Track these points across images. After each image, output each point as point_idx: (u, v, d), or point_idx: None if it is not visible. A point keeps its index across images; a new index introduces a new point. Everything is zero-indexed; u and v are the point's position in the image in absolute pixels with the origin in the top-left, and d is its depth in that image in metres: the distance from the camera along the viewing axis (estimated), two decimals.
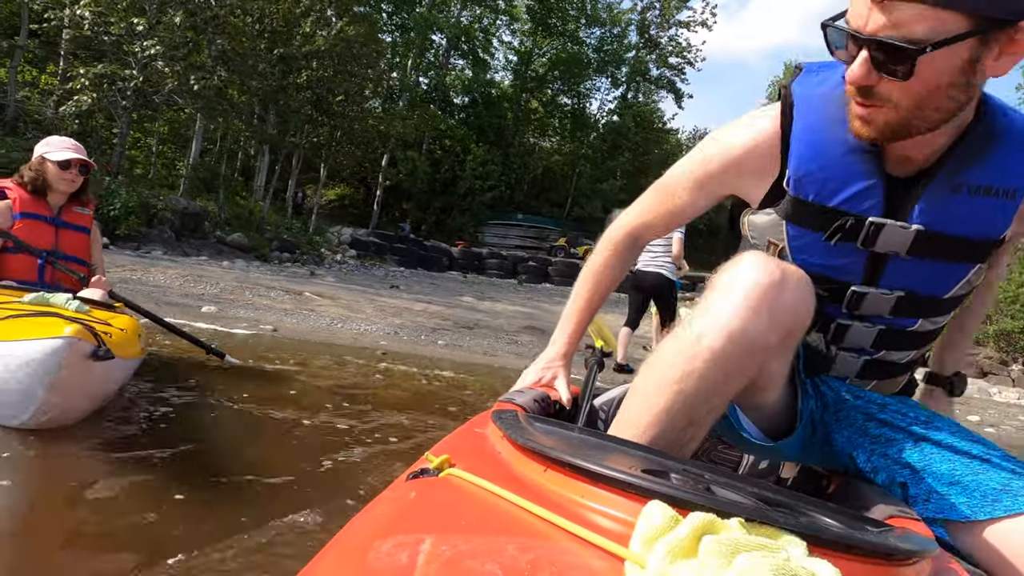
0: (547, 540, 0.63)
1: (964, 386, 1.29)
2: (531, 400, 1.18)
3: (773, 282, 0.87)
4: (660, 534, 0.59)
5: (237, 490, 2.05)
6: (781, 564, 0.53)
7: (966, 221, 0.99)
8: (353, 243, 18.20)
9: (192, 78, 11.74)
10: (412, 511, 0.75)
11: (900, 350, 1.13)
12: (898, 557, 0.67)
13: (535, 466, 0.77)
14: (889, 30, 0.83)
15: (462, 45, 30.21)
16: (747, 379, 0.92)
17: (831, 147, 1.00)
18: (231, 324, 6.27)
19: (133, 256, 10.23)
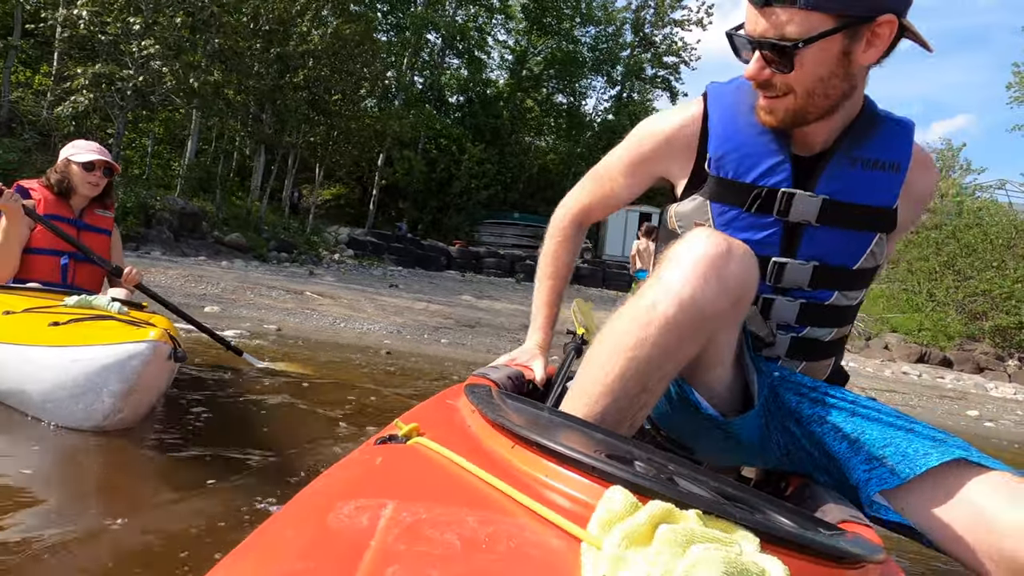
0: (508, 515, 0.64)
1: (846, 379, 1.40)
2: (505, 377, 1.19)
3: (720, 252, 0.95)
4: (618, 519, 0.60)
5: (251, 486, 2.06)
6: (733, 558, 0.54)
7: (863, 190, 1.15)
8: (350, 243, 18.16)
9: (191, 77, 11.69)
10: (377, 475, 0.75)
11: (822, 326, 1.23)
12: (846, 560, 0.69)
13: (503, 441, 0.78)
14: (770, 32, 1.00)
15: (457, 44, 30.18)
16: (698, 346, 0.98)
17: (744, 131, 1.16)
18: (235, 323, 6.27)
19: (133, 256, 10.20)
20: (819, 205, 1.14)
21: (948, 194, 15.31)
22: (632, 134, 1.33)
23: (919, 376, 11.42)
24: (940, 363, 12.77)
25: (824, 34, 0.99)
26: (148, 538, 1.60)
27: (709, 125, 1.19)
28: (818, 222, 1.15)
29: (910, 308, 14.65)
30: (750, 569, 0.54)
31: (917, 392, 9.11)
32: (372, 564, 0.55)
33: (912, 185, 1.19)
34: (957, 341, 13.31)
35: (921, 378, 11.31)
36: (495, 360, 1.42)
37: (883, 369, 11.53)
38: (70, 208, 3.08)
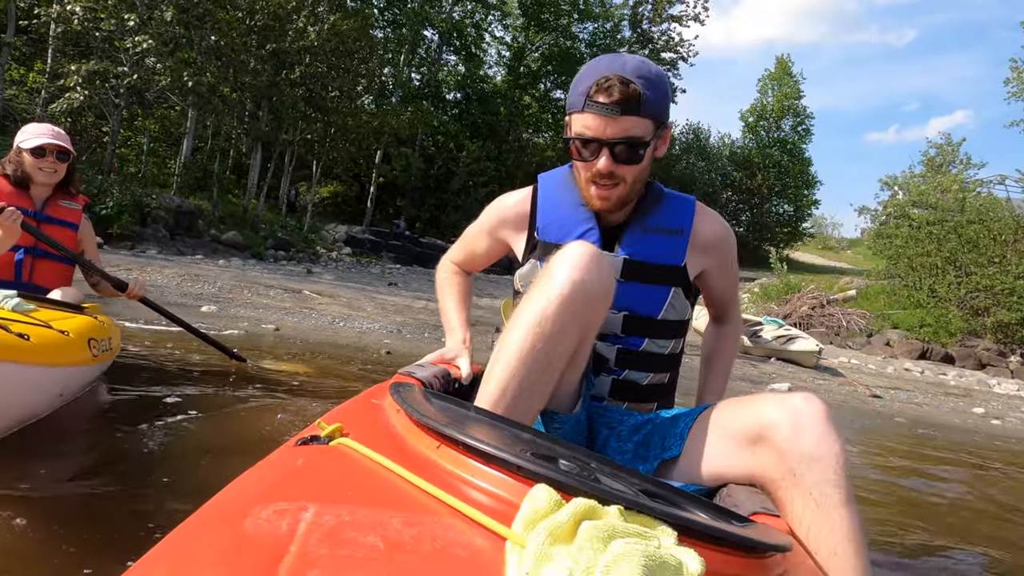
0: (432, 515, 0.64)
1: None
2: (431, 375, 1.22)
3: (594, 252, 1.15)
4: (542, 516, 0.61)
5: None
6: (652, 551, 0.56)
7: (654, 251, 1.41)
8: (348, 240, 18.05)
9: (185, 74, 11.55)
10: (297, 478, 0.74)
11: (638, 370, 1.45)
12: (757, 550, 0.73)
13: (428, 441, 0.78)
14: (622, 134, 1.29)
15: (454, 41, 30.01)
16: (581, 330, 1.14)
17: (564, 206, 1.45)
18: (232, 323, 6.17)
19: (128, 256, 10.09)
20: (621, 264, 1.40)
21: (951, 189, 15.22)
22: (487, 209, 1.64)
23: (921, 373, 11.35)
24: (942, 359, 12.70)
25: (655, 136, 1.34)
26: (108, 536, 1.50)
27: (538, 203, 1.49)
28: (622, 277, 1.39)
29: (911, 304, 14.59)
30: (668, 561, 0.56)
31: (922, 389, 9.04)
32: (292, 570, 0.53)
33: (698, 235, 1.44)
34: (959, 337, 13.24)
35: (924, 375, 11.24)
36: (421, 359, 1.50)
37: (885, 366, 11.46)
38: (30, 200, 2.82)
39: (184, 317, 6.21)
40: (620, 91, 1.28)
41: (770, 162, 33.33)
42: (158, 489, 1.98)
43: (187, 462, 2.20)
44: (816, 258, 39.16)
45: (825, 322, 13.83)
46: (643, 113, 1.30)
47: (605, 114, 1.29)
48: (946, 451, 5.09)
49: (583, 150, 1.35)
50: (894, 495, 3.49)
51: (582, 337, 1.17)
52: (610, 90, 1.28)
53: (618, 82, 1.28)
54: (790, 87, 34.55)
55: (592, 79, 1.31)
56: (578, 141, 1.36)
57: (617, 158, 1.33)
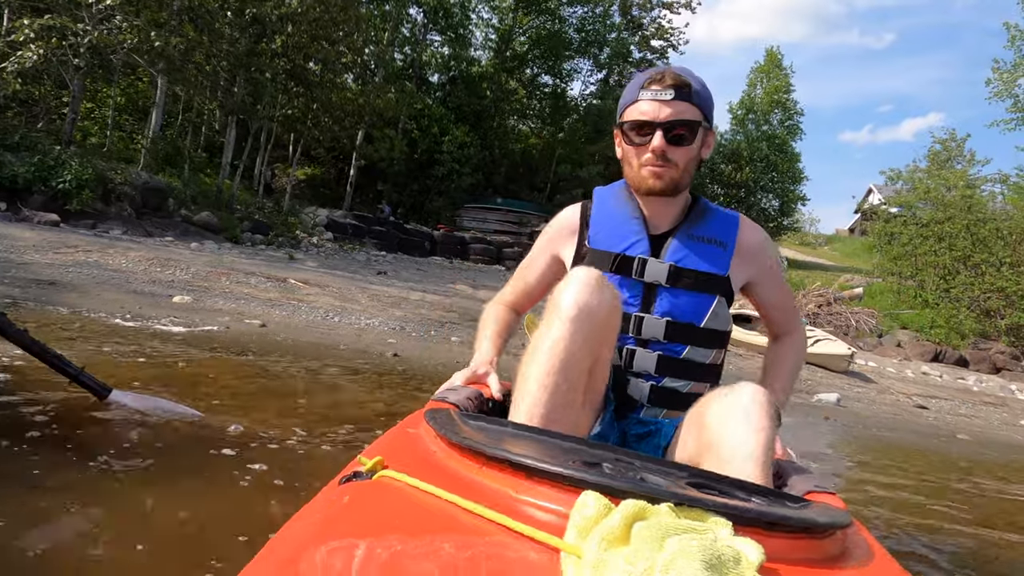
0: (484, 536, 0.64)
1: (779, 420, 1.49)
2: (464, 398, 1.19)
3: (598, 275, 1.23)
4: (594, 523, 0.61)
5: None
6: (709, 545, 0.56)
7: (699, 259, 1.46)
8: (330, 225, 16.96)
9: (153, 34, 10.37)
10: (345, 516, 0.73)
11: (678, 377, 1.45)
12: (817, 531, 0.72)
13: (470, 463, 0.77)
14: (677, 116, 1.40)
15: (440, 20, 28.84)
16: (596, 348, 1.21)
17: (615, 216, 1.52)
18: (211, 317, 5.24)
19: (88, 235, 9.00)
20: (667, 270, 1.44)
21: (958, 186, 14.76)
22: (543, 232, 1.65)
23: (940, 377, 10.83)
24: (956, 362, 12.23)
25: (701, 123, 1.42)
26: None
27: (592, 213, 1.53)
28: (668, 283, 1.44)
29: (918, 303, 14.11)
30: (726, 553, 0.56)
31: (955, 397, 8.48)
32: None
33: (742, 246, 1.48)
34: (971, 339, 12.78)
35: (943, 379, 10.72)
36: (449, 380, 1.40)
37: (903, 369, 10.91)
38: None
39: (155, 311, 5.28)
40: (672, 78, 1.40)
41: (758, 156, 32.86)
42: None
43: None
44: (795, 254, 38.97)
45: (833, 321, 13.27)
46: (693, 100, 1.40)
47: (659, 98, 1.39)
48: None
49: (637, 135, 1.42)
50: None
51: (595, 358, 1.22)
52: (663, 79, 1.40)
53: (670, 73, 1.41)
54: (780, 80, 34.06)
55: (645, 76, 1.43)
56: (632, 128, 1.42)
57: (670, 139, 1.39)
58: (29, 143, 10.45)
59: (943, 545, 2.70)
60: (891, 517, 3.00)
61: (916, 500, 3.38)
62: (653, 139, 1.38)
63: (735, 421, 1.10)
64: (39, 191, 9.82)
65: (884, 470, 4.03)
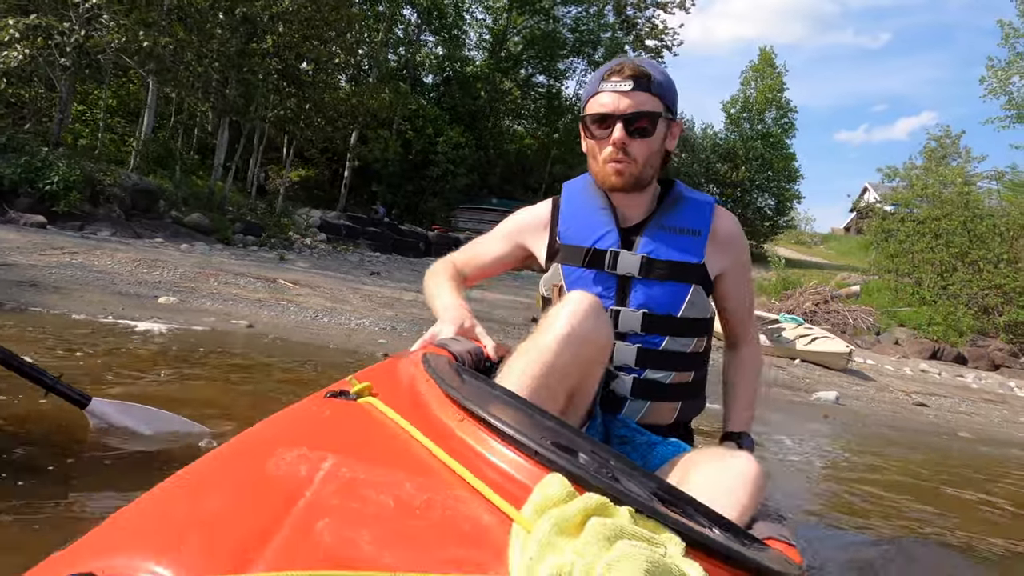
0: (446, 485, 0.65)
1: (751, 444, 1.54)
2: (464, 350, 1.22)
3: (595, 302, 1.23)
4: (552, 505, 0.61)
5: None
6: (656, 558, 0.55)
7: (672, 249, 1.44)
8: (323, 226, 16.81)
9: (142, 33, 10.23)
10: (322, 428, 0.74)
11: (659, 369, 1.45)
12: (765, 575, 0.70)
13: (453, 412, 0.79)
14: (636, 108, 1.37)
15: (434, 21, 28.73)
16: (585, 368, 1.21)
17: (584, 210, 1.50)
18: (196, 318, 5.12)
19: (75, 237, 8.87)
20: (639, 262, 1.43)
21: (955, 183, 14.70)
22: (506, 219, 1.65)
23: (939, 374, 10.74)
24: (954, 360, 12.15)
25: (664, 114, 1.41)
26: None
27: (560, 208, 1.53)
28: (641, 275, 1.43)
29: (915, 301, 14.04)
30: (672, 571, 0.56)
31: (955, 394, 8.38)
32: (303, 514, 0.55)
33: (716, 234, 1.48)
34: (969, 337, 12.71)
35: (942, 376, 10.63)
36: (434, 327, 1.38)
37: (901, 367, 10.82)
38: None
39: (139, 312, 5.15)
40: (631, 69, 1.38)
41: (753, 155, 32.82)
42: None
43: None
44: (791, 252, 38.94)
45: (830, 319, 13.18)
46: (653, 91, 1.38)
47: (618, 89, 1.37)
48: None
49: (598, 129, 1.40)
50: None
51: (583, 375, 1.22)
52: (622, 70, 1.38)
53: (628, 64, 1.39)
54: (774, 79, 34.03)
55: (606, 68, 1.42)
56: (593, 121, 1.41)
57: (630, 131, 1.38)
58: (16, 144, 10.31)
59: (953, 548, 2.60)
60: (891, 516, 2.90)
61: (916, 503, 3.28)
62: (614, 131, 1.38)
63: (720, 490, 1.09)
64: (26, 193, 9.68)
65: (885, 470, 3.93)
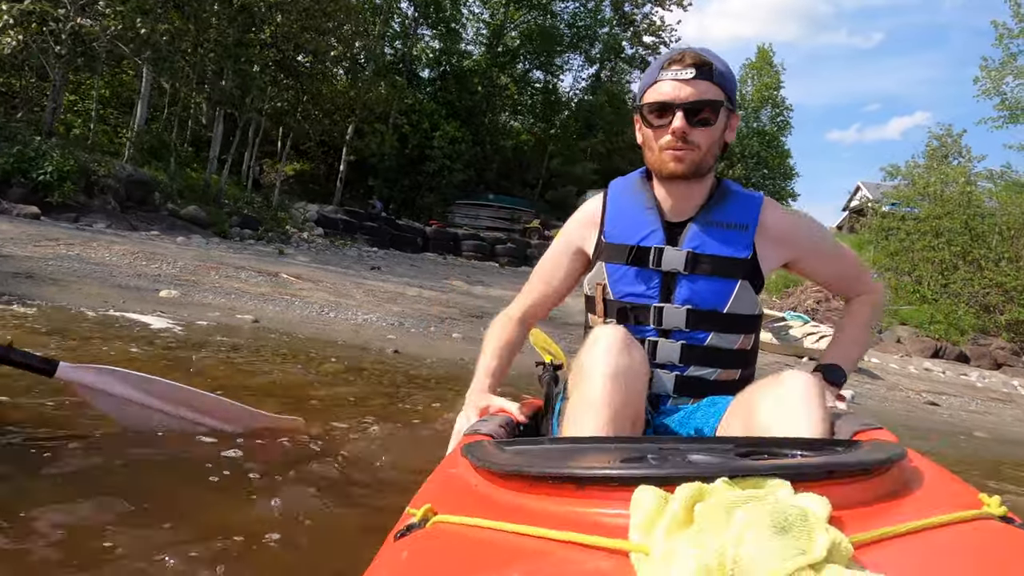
0: (549, 557, 0.63)
1: (841, 377, 1.50)
2: (496, 427, 1.19)
3: (624, 335, 1.21)
4: (655, 517, 0.61)
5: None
6: (773, 509, 0.55)
7: (719, 245, 1.42)
8: (320, 220, 16.62)
9: (139, 20, 10.00)
10: (409, 571, 0.73)
11: (703, 366, 1.42)
12: (875, 469, 0.71)
13: (518, 488, 0.77)
14: (698, 96, 1.34)
15: (431, 14, 28.48)
16: (636, 396, 1.19)
17: (630, 209, 1.48)
18: (199, 312, 4.96)
19: (70, 228, 8.66)
20: (685, 257, 1.40)
21: (957, 182, 14.66)
22: (561, 230, 1.61)
23: (943, 373, 10.69)
24: (956, 358, 12.11)
25: (725, 103, 1.37)
26: None
27: (607, 207, 1.50)
28: (686, 271, 1.40)
29: (916, 299, 14.00)
30: (792, 513, 0.55)
31: (964, 393, 8.32)
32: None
33: (768, 229, 1.43)
34: (971, 335, 12.67)
35: (946, 375, 10.58)
36: (456, 424, 1.36)
37: (906, 365, 10.77)
38: None
39: (140, 305, 4.98)
40: (692, 58, 1.35)
41: (749, 152, 32.82)
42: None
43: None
44: None
45: (832, 317, 13.11)
46: (715, 80, 1.35)
47: (680, 77, 1.34)
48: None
49: (656, 118, 1.37)
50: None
51: (637, 407, 1.20)
52: (683, 59, 1.35)
53: (690, 53, 1.36)
54: (771, 77, 34.02)
55: (666, 57, 1.39)
56: (652, 110, 1.37)
57: (691, 120, 1.34)
58: (8, 134, 10.08)
59: None
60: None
61: None
62: (674, 120, 1.34)
63: (788, 415, 1.07)
64: (19, 183, 9.46)
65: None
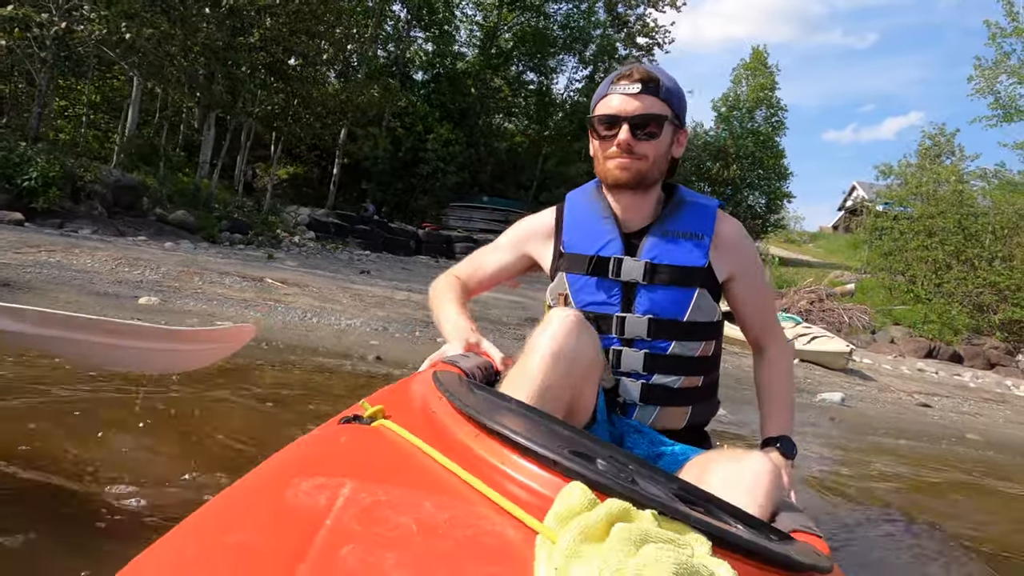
0: (467, 503, 0.65)
1: (793, 449, 1.46)
2: (474, 365, 1.23)
3: (577, 319, 1.27)
4: (575, 514, 0.61)
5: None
6: (684, 560, 0.55)
7: (676, 254, 1.45)
8: (311, 224, 16.53)
9: (124, 25, 9.91)
10: (338, 454, 0.75)
11: (667, 373, 1.44)
12: (794, 569, 0.70)
13: (468, 429, 0.78)
14: (644, 111, 1.40)
15: (424, 16, 28.42)
16: (576, 387, 1.24)
17: (587, 218, 1.51)
18: (178, 319, 4.87)
19: (53, 234, 8.57)
20: (643, 267, 1.43)
21: (950, 181, 14.63)
22: (509, 228, 1.67)
23: (936, 373, 10.66)
24: (950, 358, 12.08)
25: (671, 119, 1.43)
26: None
27: (564, 218, 1.53)
28: (645, 280, 1.43)
29: (910, 299, 13.96)
30: (700, 572, 0.55)
31: (956, 394, 8.28)
32: (326, 543, 0.55)
33: (720, 238, 1.47)
34: (965, 335, 12.64)
35: (939, 375, 10.55)
36: (441, 349, 1.39)
37: (899, 365, 10.73)
38: None
39: (117, 312, 4.91)
40: (640, 73, 1.41)
41: (744, 152, 32.79)
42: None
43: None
44: (781, 251, 38.98)
45: (825, 318, 13.08)
46: (661, 96, 1.41)
47: (627, 92, 1.40)
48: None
49: (605, 129, 1.42)
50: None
51: (576, 393, 1.25)
52: (631, 74, 1.42)
53: (638, 68, 1.42)
54: (766, 77, 33.99)
55: (617, 73, 1.45)
56: (601, 122, 1.43)
57: (637, 133, 1.40)
58: None
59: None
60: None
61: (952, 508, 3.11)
62: (619, 132, 1.40)
63: (738, 492, 1.07)
64: (3, 189, 9.37)
65: (912, 478, 3.77)
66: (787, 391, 1.57)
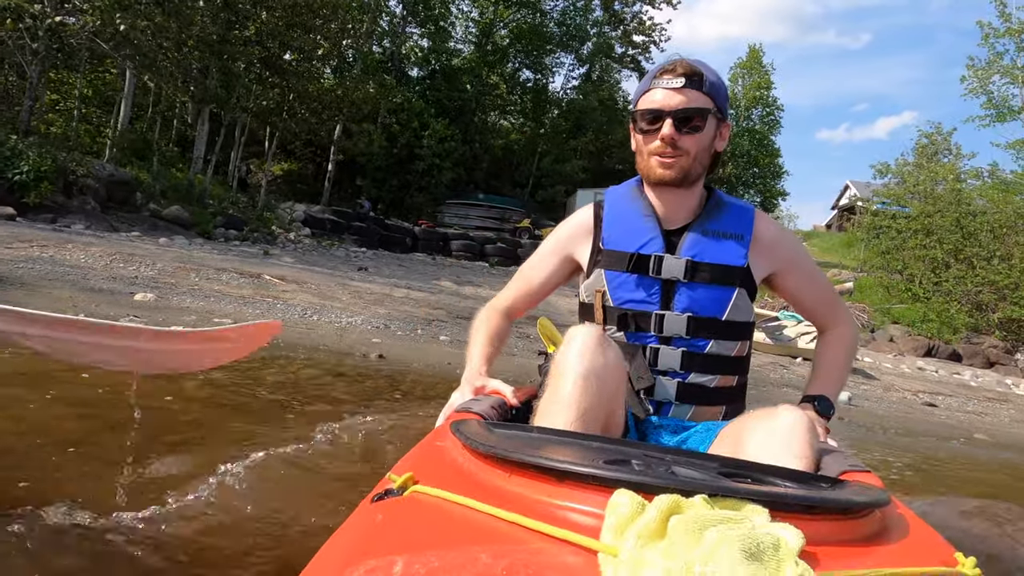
0: (520, 543, 0.64)
1: (830, 408, 1.49)
2: (488, 407, 1.21)
3: (599, 336, 1.25)
4: (629, 521, 0.61)
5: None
6: (747, 533, 0.55)
7: (716, 253, 1.45)
8: (307, 221, 16.36)
9: (118, 16, 9.74)
10: (380, 534, 0.73)
11: (704, 372, 1.45)
12: (855, 511, 0.71)
13: (499, 472, 0.77)
14: (687, 104, 1.39)
15: (419, 12, 28.24)
16: (609, 402, 1.23)
17: (627, 215, 1.51)
18: (175, 316, 4.76)
19: (46, 229, 8.41)
20: (684, 265, 1.43)
21: (947, 179, 14.63)
22: (550, 234, 1.65)
23: (936, 372, 10.63)
24: (949, 357, 12.05)
25: (715, 112, 1.42)
26: None
27: (604, 214, 1.52)
28: (685, 279, 1.43)
29: (908, 298, 13.95)
30: (765, 540, 0.55)
31: (959, 393, 8.23)
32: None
33: (759, 238, 1.47)
34: (964, 334, 12.62)
35: (939, 374, 10.51)
36: (450, 400, 1.39)
37: (899, 364, 10.69)
38: None
39: (112, 309, 4.78)
40: (683, 67, 1.40)
41: (739, 151, 32.81)
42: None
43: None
44: None
45: None
46: (704, 89, 1.40)
47: (670, 86, 1.39)
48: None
49: (647, 124, 1.41)
50: None
51: (610, 408, 1.24)
52: (675, 68, 1.40)
53: (682, 63, 1.41)
54: (762, 77, 34.01)
55: (660, 66, 1.43)
56: (644, 116, 1.42)
57: (680, 127, 1.39)
58: None
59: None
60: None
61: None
62: (663, 127, 1.39)
63: (777, 448, 1.08)
64: None
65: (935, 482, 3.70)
66: (838, 362, 1.59)
